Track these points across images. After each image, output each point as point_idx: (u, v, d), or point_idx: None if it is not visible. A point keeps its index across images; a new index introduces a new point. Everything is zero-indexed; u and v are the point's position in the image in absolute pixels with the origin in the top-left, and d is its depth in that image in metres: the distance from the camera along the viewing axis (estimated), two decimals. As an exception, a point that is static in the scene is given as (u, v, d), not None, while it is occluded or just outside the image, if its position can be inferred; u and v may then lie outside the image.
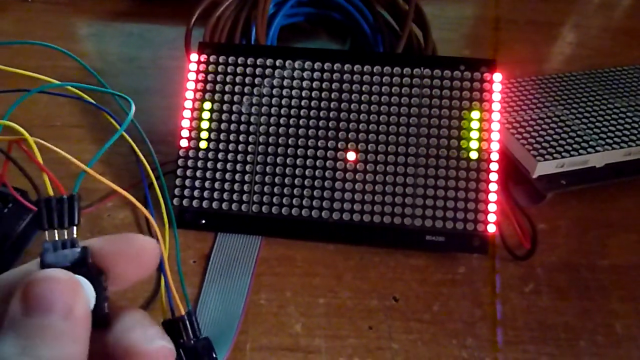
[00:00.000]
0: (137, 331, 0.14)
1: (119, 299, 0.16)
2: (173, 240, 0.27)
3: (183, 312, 0.20)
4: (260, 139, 0.28)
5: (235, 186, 0.28)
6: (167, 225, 0.27)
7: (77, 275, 0.14)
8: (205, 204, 0.28)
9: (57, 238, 0.14)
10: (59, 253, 0.14)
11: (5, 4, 0.43)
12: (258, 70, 0.29)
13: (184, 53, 0.35)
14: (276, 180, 0.28)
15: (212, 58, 0.29)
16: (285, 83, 0.29)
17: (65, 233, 0.15)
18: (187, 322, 0.20)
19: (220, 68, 0.29)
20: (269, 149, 0.28)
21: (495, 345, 0.25)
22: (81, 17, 0.43)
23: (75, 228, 0.15)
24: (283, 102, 0.29)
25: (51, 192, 0.15)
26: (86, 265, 0.14)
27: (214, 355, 0.20)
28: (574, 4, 0.49)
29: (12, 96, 0.22)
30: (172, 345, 0.14)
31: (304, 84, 0.29)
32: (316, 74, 0.29)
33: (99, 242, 0.15)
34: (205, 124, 0.29)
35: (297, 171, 0.28)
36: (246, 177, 0.28)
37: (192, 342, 0.20)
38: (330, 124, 0.28)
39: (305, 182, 0.28)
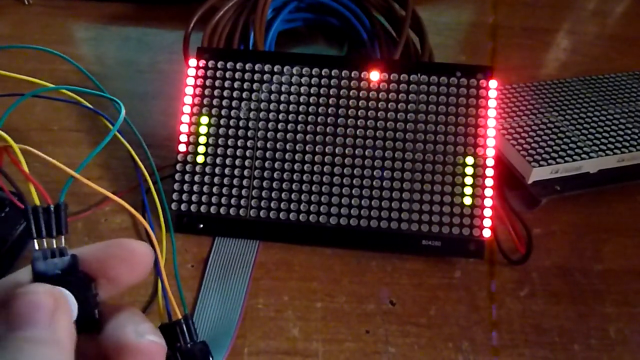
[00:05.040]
0: (128, 327, 0.14)
1: (115, 302, 0.16)
2: (170, 244, 0.27)
3: (180, 316, 0.20)
4: (259, 144, 0.29)
5: (234, 191, 0.28)
6: (164, 230, 0.27)
7: (58, 287, 0.14)
8: (203, 208, 0.28)
9: (47, 246, 0.15)
10: (49, 262, 0.14)
11: (3, 7, 0.43)
12: (256, 76, 0.29)
13: (183, 57, 0.35)
14: (274, 185, 0.28)
15: (210, 63, 0.29)
16: (283, 88, 0.29)
17: (54, 241, 0.15)
18: (184, 326, 0.20)
19: (218, 73, 0.29)
20: (267, 154, 0.28)
21: (490, 349, 0.25)
22: (79, 21, 0.43)
23: (63, 237, 0.15)
24: (281, 107, 0.29)
25: (38, 201, 0.15)
26: (76, 273, 0.15)
27: (211, 359, 0.20)
28: (569, 10, 0.49)
29: (7, 100, 0.22)
30: (163, 341, 0.14)
31: (302, 89, 0.29)
32: (314, 80, 0.29)
33: (91, 248, 0.15)
34: (203, 129, 0.29)
35: (294, 176, 0.28)
36: (244, 182, 0.28)
37: (188, 345, 0.20)
38: (327, 130, 0.29)
39: (303, 187, 0.28)
